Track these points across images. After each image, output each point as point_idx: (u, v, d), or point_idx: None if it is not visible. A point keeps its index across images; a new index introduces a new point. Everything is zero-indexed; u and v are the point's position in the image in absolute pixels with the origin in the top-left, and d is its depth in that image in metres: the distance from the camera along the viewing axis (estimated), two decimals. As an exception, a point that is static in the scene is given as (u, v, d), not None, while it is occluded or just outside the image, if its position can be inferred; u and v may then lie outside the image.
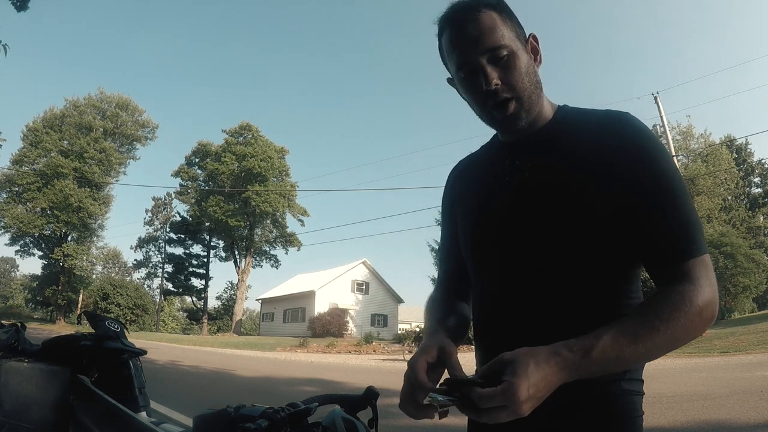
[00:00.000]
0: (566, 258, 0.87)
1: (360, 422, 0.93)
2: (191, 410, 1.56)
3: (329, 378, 10.44)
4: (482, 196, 1.01)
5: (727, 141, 33.75)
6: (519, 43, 0.90)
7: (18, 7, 7.66)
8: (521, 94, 0.90)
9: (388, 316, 39.00)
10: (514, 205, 0.94)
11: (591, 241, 0.86)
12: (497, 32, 0.87)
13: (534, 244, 0.90)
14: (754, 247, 28.32)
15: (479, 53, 0.88)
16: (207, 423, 0.87)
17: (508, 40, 0.88)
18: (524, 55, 0.90)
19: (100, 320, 1.55)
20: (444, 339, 0.85)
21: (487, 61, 0.88)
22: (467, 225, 1.03)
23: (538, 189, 0.91)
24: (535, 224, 0.90)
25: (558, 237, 0.87)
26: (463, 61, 0.90)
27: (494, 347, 0.93)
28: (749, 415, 4.89)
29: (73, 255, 41.05)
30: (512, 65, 0.88)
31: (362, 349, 21.26)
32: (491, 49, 0.87)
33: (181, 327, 56.80)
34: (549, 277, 0.89)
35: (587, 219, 0.86)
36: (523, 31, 0.94)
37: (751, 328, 16.12)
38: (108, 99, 44.36)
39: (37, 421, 1.32)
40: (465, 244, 1.04)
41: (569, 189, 0.87)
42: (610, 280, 0.88)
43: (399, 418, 5.65)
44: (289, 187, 45.38)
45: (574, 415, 0.86)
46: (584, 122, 0.93)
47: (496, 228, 0.96)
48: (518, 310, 0.91)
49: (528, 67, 0.90)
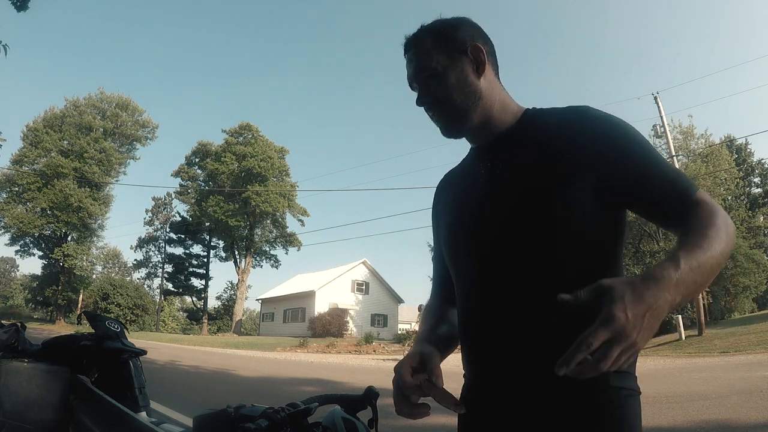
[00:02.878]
0: (538, 257, 0.88)
1: (360, 422, 0.93)
2: (191, 410, 1.56)
3: (329, 378, 10.44)
4: (457, 204, 1.06)
5: (727, 141, 33.75)
6: (448, 60, 0.99)
7: (18, 7, 7.65)
8: (448, 106, 0.99)
9: (388, 316, 38.99)
10: (483, 210, 0.97)
11: (561, 235, 0.88)
12: (425, 56, 1.00)
13: (505, 247, 0.92)
14: (754, 247, 28.29)
15: (416, 75, 1.02)
16: (207, 423, 0.87)
17: (432, 63, 0.99)
18: (452, 71, 0.99)
19: (100, 320, 1.54)
20: (427, 347, 0.92)
21: (422, 81, 1.01)
22: (446, 235, 1.08)
23: (506, 191, 0.94)
24: (504, 229, 0.92)
25: (528, 235, 0.89)
26: (410, 84, 1.05)
27: (477, 355, 0.98)
28: (749, 415, 4.89)
29: (73, 255, 41.05)
30: (438, 83, 0.99)
31: (362, 349, 21.25)
32: (422, 71, 1.01)
33: (181, 327, 56.79)
34: (525, 279, 0.89)
35: (555, 213, 0.88)
36: (461, 46, 1.00)
37: (751, 328, 16.11)
38: (108, 99, 44.37)
39: (37, 421, 1.32)
40: (445, 254, 1.08)
41: (536, 184, 0.90)
42: (586, 274, 0.86)
43: (399, 418, 5.63)
44: (289, 187, 45.37)
45: (565, 415, 0.85)
46: (547, 119, 0.97)
47: (468, 235, 0.99)
48: (497, 315, 0.92)
49: (458, 82, 0.99)
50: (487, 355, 0.94)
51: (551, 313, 0.85)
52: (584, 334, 0.66)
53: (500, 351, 0.91)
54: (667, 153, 19.41)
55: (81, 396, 1.39)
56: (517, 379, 0.89)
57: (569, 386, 0.81)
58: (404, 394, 0.85)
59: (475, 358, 0.99)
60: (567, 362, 0.67)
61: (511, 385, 0.90)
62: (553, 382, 0.82)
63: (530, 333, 0.88)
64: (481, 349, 0.96)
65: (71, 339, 1.51)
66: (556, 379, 0.81)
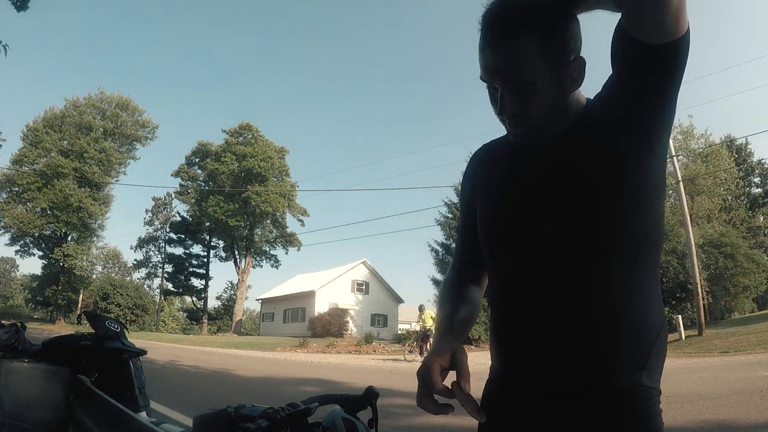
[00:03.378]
0: (582, 258, 0.88)
1: (360, 422, 0.93)
2: (191, 410, 1.56)
3: (329, 378, 10.43)
4: (502, 189, 1.00)
5: (727, 141, 33.73)
6: (551, 74, 0.84)
7: (18, 7, 7.65)
8: (535, 125, 0.89)
9: (388, 316, 38.97)
10: (526, 204, 0.94)
11: (603, 235, 0.87)
12: (526, 65, 0.82)
13: (549, 244, 0.90)
14: (754, 247, 28.27)
15: (502, 80, 0.86)
16: (207, 423, 0.87)
17: (534, 74, 0.83)
18: (552, 88, 0.85)
19: (100, 320, 1.54)
20: (456, 344, 0.90)
21: (508, 90, 0.86)
22: (486, 219, 1.03)
23: (554, 185, 0.91)
24: (550, 223, 0.90)
25: (571, 233, 0.88)
26: (486, 79, 0.89)
27: (512, 350, 0.97)
28: (749, 415, 4.88)
29: (73, 255, 41.04)
30: (531, 98, 0.86)
31: (362, 349, 21.24)
32: (514, 81, 0.85)
33: (181, 327, 56.76)
34: (566, 279, 0.89)
35: (597, 214, 0.86)
36: (568, 55, 0.86)
37: (751, 328, 16.10)
38: (108, 99, 44.36)
39: (37, 421, 1.32)
40: (482, 242, 1.04)
41: (582, 183, 0.87)
42: (626, 271, 0.88)
43: (399, 418, 5.66)
44: (289, 187, 45.37)
45: (589, 410, 0.86)
46: (595, 106, 0.93)
47: (510, 228, 0.96)
48: (533, 312, 0.92)
49: (552, 98, 0.87)
50: (524, 351, 0.94)
51: (593, 314, 0.87)
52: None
53: (539, 349, 0.91)
54: (667, 153, 19.37)
55: (81, 396, 1.39)
56: (555, 377, 0.90)
57: (600, 378, 0.85)
58: (431, 394, 0.84)
59: (509, 354, 0.99)
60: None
61: (549, 382, 0.91)
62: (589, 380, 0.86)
63: (571, 332, 0.88)
64: (518, 344, 0.95)
65: (71, 339, 1.51)
66: (593, 377, 0.86)
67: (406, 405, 5.98)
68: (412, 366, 13.85)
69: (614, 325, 0.86)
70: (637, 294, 0.89)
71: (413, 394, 0.90)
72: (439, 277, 27.88)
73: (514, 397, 0.96)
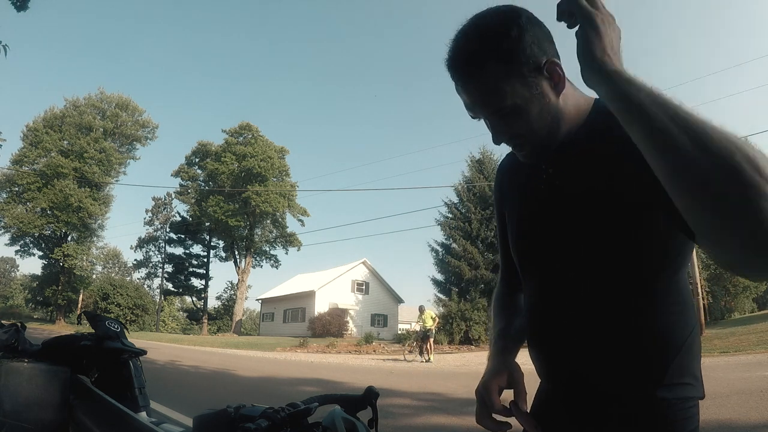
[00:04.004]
0: (604, 269, 0.87)
1: (360, 422, 0.93)
2: (191, 410, 1.56)
3: (329, 378, 10.44)
4: (522, 204, 1.02)
5: (727, 141, 33.70)
6: (527, 88, 0.83)
7: (18, 7, 7.65)
8: (533, 139, 0.88)
9: (388, 316, 38.98)
10: (549, 218, 0.94)
11: (626, 244, 0.84)
12: (500, 91, 0.82)
13: (570, 258, 0.91)
14: (754, 247, 28.25)
15: (483, 111, 0.87)
16: (207, 423, 0.87)
17: (512, 96, 0.82)
18: (534, 100, 0.84)
19: (100, 320, 1.54)
20: (512, 364, 0.95)
21: (493, 119, 0.87)
22: (513, 234, 1.04)
23: (571, 201, 0.90)
24: (571, 234, 0.90)
25: (594, 246, 0.87)
26: (470, 114, 0.90)
27: (549, 356, 0.98)
28: (749, 415, 4.89)
29: (73, 255, 41.06)
30: (519, 119, 0.85)
31: (362, 349, 21.24)
32: (494, 108, 0.85)
33: (181, 327, 56.77)
34: (589, 292, 0.89)
35: (622, 223, 0.83)
36: (535, 64, 0.83)
37: (751, 328, 16.12)
38: (108, 99, 44.38)
39: (37, 421, 1.31)
40: (513, 253, 1.05)
41: (604, 196, 0.85)
42: (651, 280, 0.86)
43: (399, 418, 5.65)
44: (289, 187, 45.37)
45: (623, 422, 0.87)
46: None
47: (534, 241, 0.97)
48: (562, 321, 0.92)
49: (540, 111, 0.85)
50: (559, 359, 0.95)
51: (618, 318, 0.86)
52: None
53: (567, 362, 0.93)
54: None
55: (81, 396, 1.39)
56: (588, 399, 0.91)
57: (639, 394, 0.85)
58: (490, 413, 0.88)
59: (546, 363, 0.99)
60: None
61: (582, 403, 0.92)
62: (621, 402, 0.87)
63: (597, 338, 0.88)
64: (553, 350, 0.96)
65: (71, 339, 1.51)
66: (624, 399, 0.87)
67: (406, 405, 5.98)
68: (412, 366, 13.85)
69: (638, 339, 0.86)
70: (661, 306, 0.86)
71: (413, 394, 0.92)
72: (439, 277, 27.89)
73: (556, 410, 0.98)
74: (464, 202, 27.78)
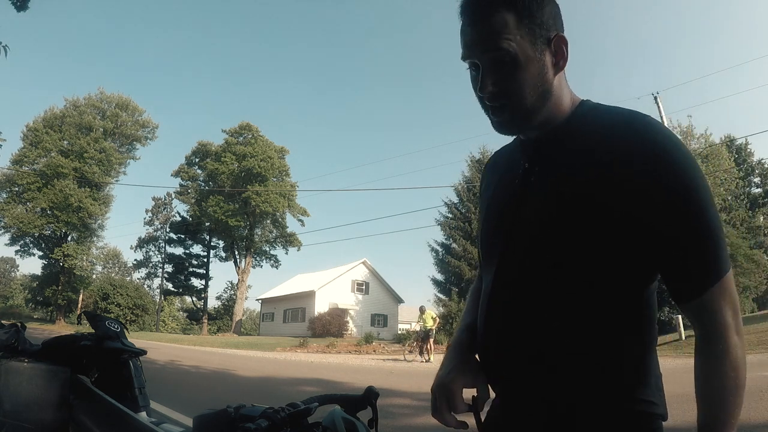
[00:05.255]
0: (564, 267, 0.84)
1: (360, 422, 0.93)
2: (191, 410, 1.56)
3: (329, 378, 10.43)
4: (494, 198, 1.01)
5: (727, 141, 33.74)
6: (532, 48, 0.83)
7: (18, 7, 7.64)
8: (517, 103, 0.85)
9: (388, 316, 38.97)
10: (514, 216, 0.91)
11: (591, 251, 0.81)
12: (505, 36, 0.81)
13: (527, 258, 0.88)
14: (754, 247, 28.28)
15: (481, 52, 0.84)
16: (207, 423, 0.87)
17: (515, 46, 0.82)
18: (534, 62, 0.83)
19: (100, 320, 1.54)
20: (476, 363, 0.94)
21: (489, 63, 0.84)
22: (479, 228, 1.04)
23: (540, 200, 0.88)
24: (532, 238, 0.87)
25: (558, 246, 0.84)
26: (466, 56, 0.87)
27: (485, 349, 0.95)
28: (749, 415, 4.88)
29: (73, 255, 41.05)
30: (513, 73, 0.83)
31: (362, 349, 21.24)
32: (492, 52, 0.83)
33: (181, 327, 56.75)
34: (540, 294, 0.85)
35: (591, 228, 0.81)
36: (547, 32, 0.85)
37: (751, 328, 16.11)
38: (108, 99, 44.37)
39: (37, 421, 1.31)
40: (477, 245, 1.05)
41: (574, 200, 0.82)
42: (613, 292, 0.83)
43: (399, 418, 5.66)
44: (289, 187, 45.36)
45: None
46: (603, 122, 0.86)
47: (496, 237, 0.94)
48: (509, 317, 0.89)
49: (534, 76, 0.84)
50: (494, 364, 0.92)
51: (567, 331, 0.83)
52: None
53: (514, 380, 0.89)
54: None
55: (81, 396, 1.39)
56: (527, 387, 0.88)
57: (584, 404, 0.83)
58: (450, 410, 0.89)
59: (484, 366, 0.96)
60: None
61: (521, 393, 0.89)
62: (562, 393, 0.84)
63: (539, 340, 0.85)
64: (490, 344, 0.94)
65: (71, 339, 1.51)
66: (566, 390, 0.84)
67: (406, 405, 5.98)
68: (412, 366, 13.85)
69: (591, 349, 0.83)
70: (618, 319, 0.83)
71: (413, 394, 0.92)
72: (440, 277, 27.92)
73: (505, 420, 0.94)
74: (464, 202, 27.81)
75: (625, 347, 0.83)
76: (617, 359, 0.82)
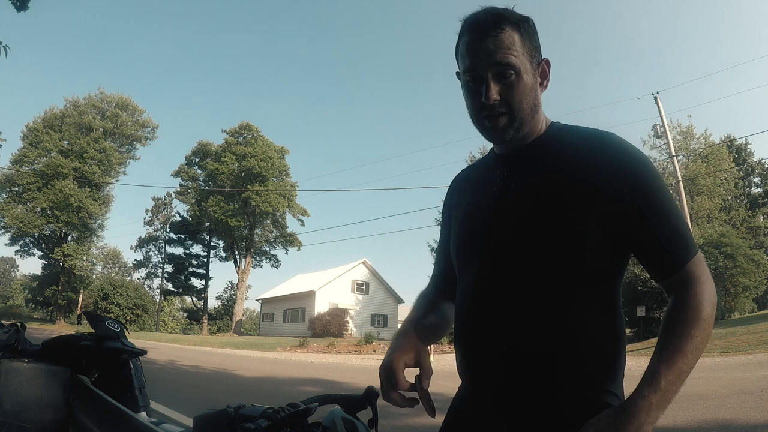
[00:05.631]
0: (540, 270, 0.90)
1: (360, 422, 0.93)
2: (191, 410, 1.56)
3: (329, 378, 10.44)
4: (470, 207, 1.06)
5: (727, 141, 33.73)
6: (529, 65, 0.94)
7: (18, 7, 7.64)
8: (515, 113, 0.94)
9: (388, 316, 38.98)
10: (495, 217, 0.98)
11: (565, 255, 0.89)
12: (511, 52, 0.92)
13: (509, 256, 0.94)
14: (754, 247, 28.28)
15: (488, 66, 0.92)
16: (207, 423, 0.87)
17: (518, 62, 0.92)
18: (530, 79, 0.94)
19: (100, 320, 1.55)
20: (419, 343, 0.98)
21: (493, 76, 0.92)
22: (455, 233, 1.08)
23: (519, 202, 0.95)
24: (513, 237, 0.94)
25: (534, 250, 0.91)
26: (472, 68, 0.94)
27: (466, 353, 1.01)
28: (749, 415, 4.89)
29: (73, 255, 41.04)
30: (515, 85, 0.93)
31: (362, 349, 21.25)
32: (501, 66, 0.92)
33: (181, 327, 56.77)
34: (522, 289, 0.91)
35: (564, 233, 0.89)
36: (538, 55, 0.97)
37: (751, 328, 16.12)
38: (108, 99, 44.37)
39: (37, 421, 1.32)
40: (453, 254, 1.09)
41: (551, 203, 0.91)
42: (585, 293, 0.90)
43: (399, 418, 5.65)
44: (289, 187, 45.38)
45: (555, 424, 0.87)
46: (573, 139, 0.97)
47: (476, 239, 1.00)
48: (490, 320, 0.94)
49: (530, 90, 0.95)
50: (483, 358, 0.96)
51: (548, 324, 0.89)
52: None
53: (495, 356, 0.93)
54: (667, 153, 19.41)
55: (81, 396, 1.39)
56: (513, 385, 0.91)
57: (563, 395, 0.87)
58: (396, 389, 0.91)
59: (469, 361, 1.00)
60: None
61: (508, 390, 0.92)
62: (548, 388, 0.88)
63: (518, 342, 0.90)
64: (476, 352, 0.97)
65: (71, 339, 1.51)
66: (552, 385, 0.88)
67: (406, 405, 5.96)
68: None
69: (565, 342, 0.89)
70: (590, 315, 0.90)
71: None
72: (439, 277, 27.89)
73: (477, 407, 0.98)
74: (464, 202, 27.81)
75: (598, 341, 0.90)
76: (593, 352, 0.89)
